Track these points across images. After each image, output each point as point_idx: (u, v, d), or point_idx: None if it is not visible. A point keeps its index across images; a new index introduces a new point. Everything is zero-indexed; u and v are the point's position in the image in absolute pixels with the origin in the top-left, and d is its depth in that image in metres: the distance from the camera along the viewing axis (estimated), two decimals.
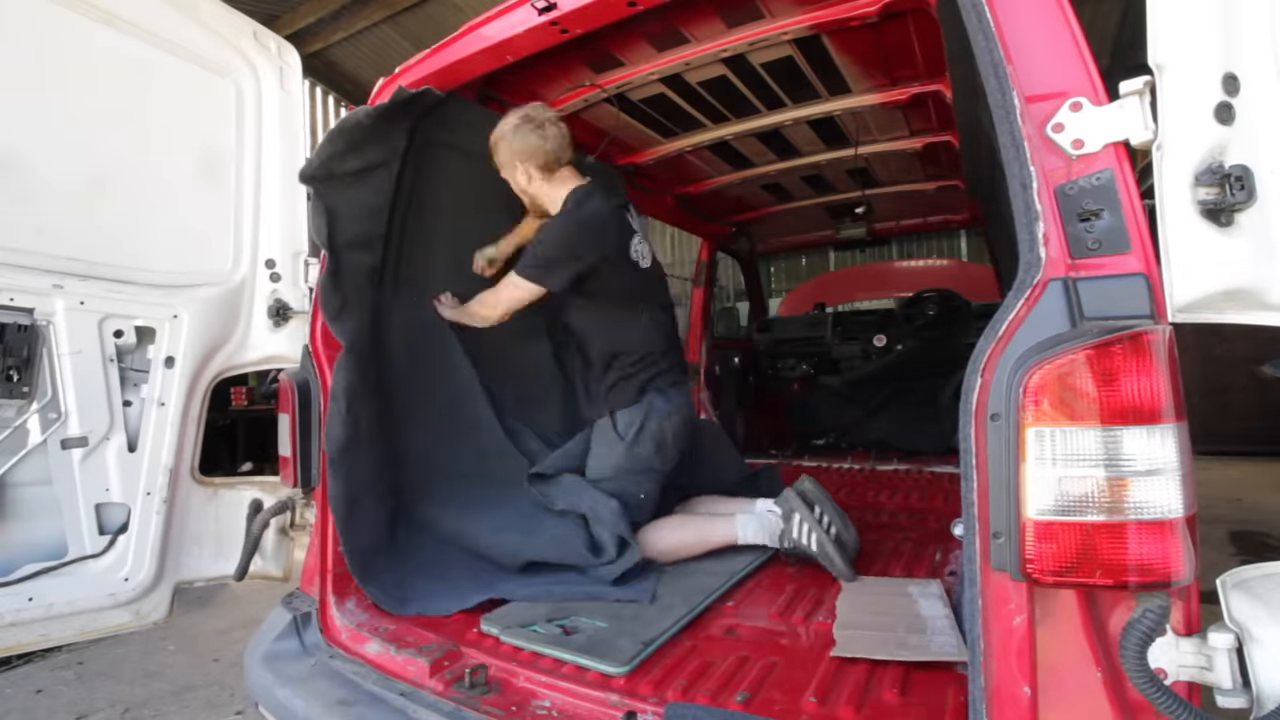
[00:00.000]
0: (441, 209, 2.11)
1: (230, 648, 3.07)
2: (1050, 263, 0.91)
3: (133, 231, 2.05)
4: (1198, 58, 0.84)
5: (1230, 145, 0.83)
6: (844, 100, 2.36)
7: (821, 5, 1.77)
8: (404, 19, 8.15)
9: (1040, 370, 0.86)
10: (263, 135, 2.27)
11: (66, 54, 1.92)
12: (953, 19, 1.13)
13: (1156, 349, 0.83)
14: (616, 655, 1.40)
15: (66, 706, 2.60)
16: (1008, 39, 0.97)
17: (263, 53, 2.27)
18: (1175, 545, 0.82)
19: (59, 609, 1.91)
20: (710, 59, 2.03)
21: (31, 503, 1.91)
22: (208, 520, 2.18)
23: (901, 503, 2.75)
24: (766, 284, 5.56)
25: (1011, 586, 0.90)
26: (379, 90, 1.84)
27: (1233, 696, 0.82)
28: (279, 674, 1.54)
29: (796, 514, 1.89)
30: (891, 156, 2.85)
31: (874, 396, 3.95)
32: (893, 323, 3.99)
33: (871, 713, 1.19)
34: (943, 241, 9.62)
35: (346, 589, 1.73)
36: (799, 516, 1.89)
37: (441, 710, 1.29)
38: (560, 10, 1.53)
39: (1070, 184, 0.92)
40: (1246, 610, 0.82)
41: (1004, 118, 0.95)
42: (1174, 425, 0.83)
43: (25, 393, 1.86)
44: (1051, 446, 0.85)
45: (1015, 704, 0.89)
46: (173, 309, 2.09)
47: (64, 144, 1.93)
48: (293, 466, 1.76)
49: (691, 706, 1.19)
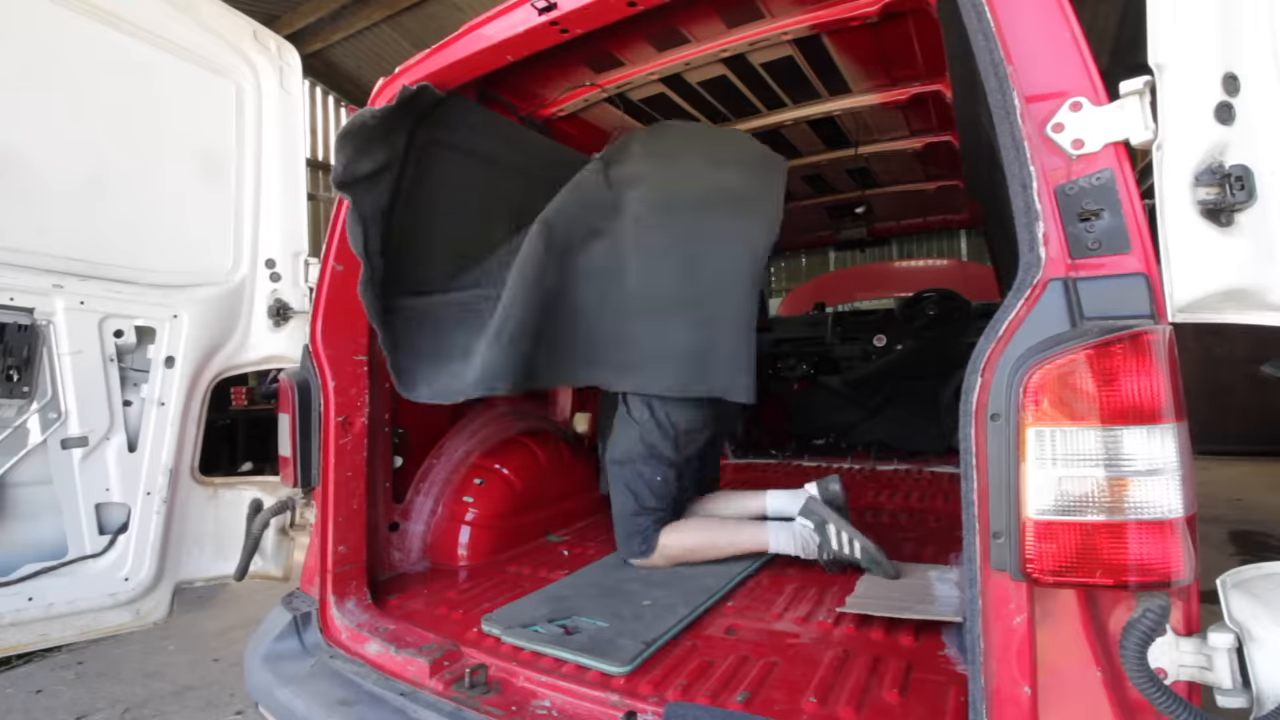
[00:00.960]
0: (441, 210, 2.11)
1: (230, 648, 3.07)
2: (1050, 263, 0.91)
3: (133, 231, 2.06)
4: (1198, 57, 0.84)
5: (1230, 145, 0.83)
6: (844, 100, 2.36)
7: (822, 5, 1.77)
8: (404, 19, 8.16)
9: (1040, 370, 0.86)
10: (263, 135, 2.28)
11: (66, 54, 1.92)
12: (953, 19, 1.13)
13: (1156, 349, 0.83)
14: (618, 655, 1.40)
15: (66, 706, 2.60)
16: (1008, 39, 0.97)
17: (263, 53, 2.27)
18: (1175, 545, 0.82)
19: (59, 609, 1.91)
20: (710, 59, 2.03)
21: (31, 502, 1.91)
22: (208, 520, 2.19)
23: (902, 503, 2.75)
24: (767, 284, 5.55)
25: (1012, 586, 0.90)
26: (379, 90, 1.84)
27: (1233, 696, 0.82)
28: (279, 674, 1.54)
29: (830, 524, 1.87)
30: (891, 156, 2.85)
31: (874, 396, 3.95)
32: (893, 323, 3.99)
33: (872, 712, 1.19)
34: (943, 241, 9.60)
35: (346, 589, 1.73)
36: (833, 527, 1.86)
37: (441, 710, 1.29)
38: (560, 10, 1.53)
39: (1070, 184, 0.92)
40: (1246, 610, 0.82)
41: (1004, 118, 0.95)
42: (1174, 425, 0.83)
43: (25, 392, 1.86)
44: (1051, 446, 0.85)
45: (1015, 704, 0.89)
46: (173, 309, 2.09)
47: (64, 144, 1.93)
48: (293, 466, 1.76)
49: (692, 706, 1.19)
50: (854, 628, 1.55)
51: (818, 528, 1.89)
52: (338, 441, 1.76)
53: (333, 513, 1.74)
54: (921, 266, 5.77)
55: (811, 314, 4.45)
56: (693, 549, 1.96)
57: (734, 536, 1.99)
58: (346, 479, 1.78)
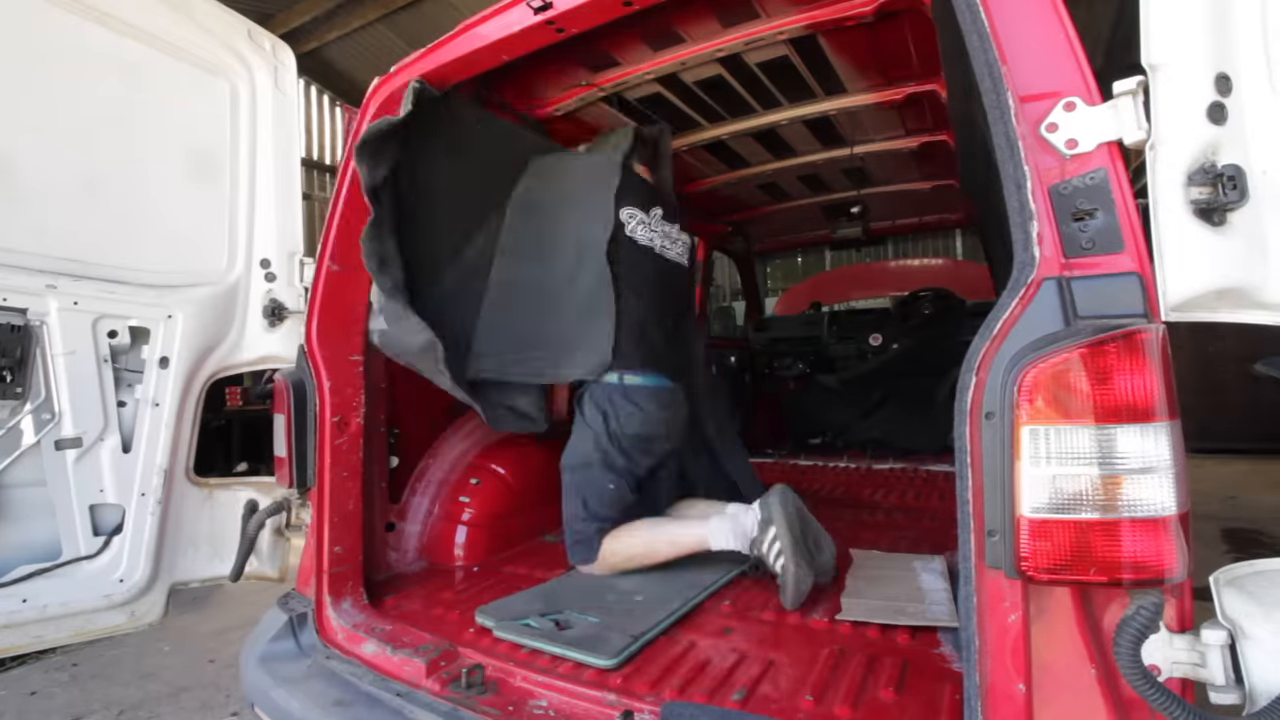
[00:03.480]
0: (438, 210, 2.10)
1: (226, 649, 3.06)
2: (1044, 262, 0.91)
3: (127, 231, 2.05)
4: (1191, 58, 0.85)
5: (1223, 145, 0.84)
6: (840, 100, 2.36)
7: (817, 5, 1.77)
8: (399, 18, 8.13)
9: (1034, 369, 0.86)
10: (257, 135, 2.27)
11: (60, 53, 1.91)
12: (948, 19, 1.13)
13: (1150, 348, 0.83)
14: (606, 649, 1.41)
15: (61, 708, 2.59)
16: (1002, 39, 0.97)
17: (257, 52, 2.27)
18: (1169, 543, 0.82)
19: (53, 610, 1.90)
20: (706, 59, 2.03)
21: (25, 504, 1.90)
22: (203, 521, 2.18)
23: (898, 501, 2.76)
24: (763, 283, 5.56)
25: (1006, 584, 0.90)
26: (374, 89, 1.83)
27: (1226, 693, 0.82)
28: (275, 675, 1.53)
29: (773, 527, 1.72)
30: (887, 156, 2.86)
31: (870, 395, 3.96)
32: (888, 322, 4.00)
33: (868, 710, 1.20)
34: (938, 241, 9.63)
35: (342, 589, 1.73)
36: (774, 532, 1.71)
37: (438, 710, 1.28)
38: (556, 10, 1.53)
39: (1064, 184, 0.92)
40: (1239, 607, 0.83)
41: (998, 117, 0.95)
42: (1167, 423, 0.83)
43: (19, 393, 1.85)
44: (1046, 445, 0.86)
45: (1010, 701, 0.89)
46: (167, 309, 2.08)
47: (58, 144, 1.92)
48: (288, 467, 1.76)
49: (688, 705, 1.19)
50: (850, 626, 1.56)
51: (762, 524, 1.76)
52: (333, 442, 1.76)
53: (328, 513, 1.74)
54: (917, 266, 5.78)
55: (808, 313, 4.46)
56: (631, 557, 1.90)
57: (674, 536, 1.91)
58: (342, 479, 1.77)
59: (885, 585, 1.76)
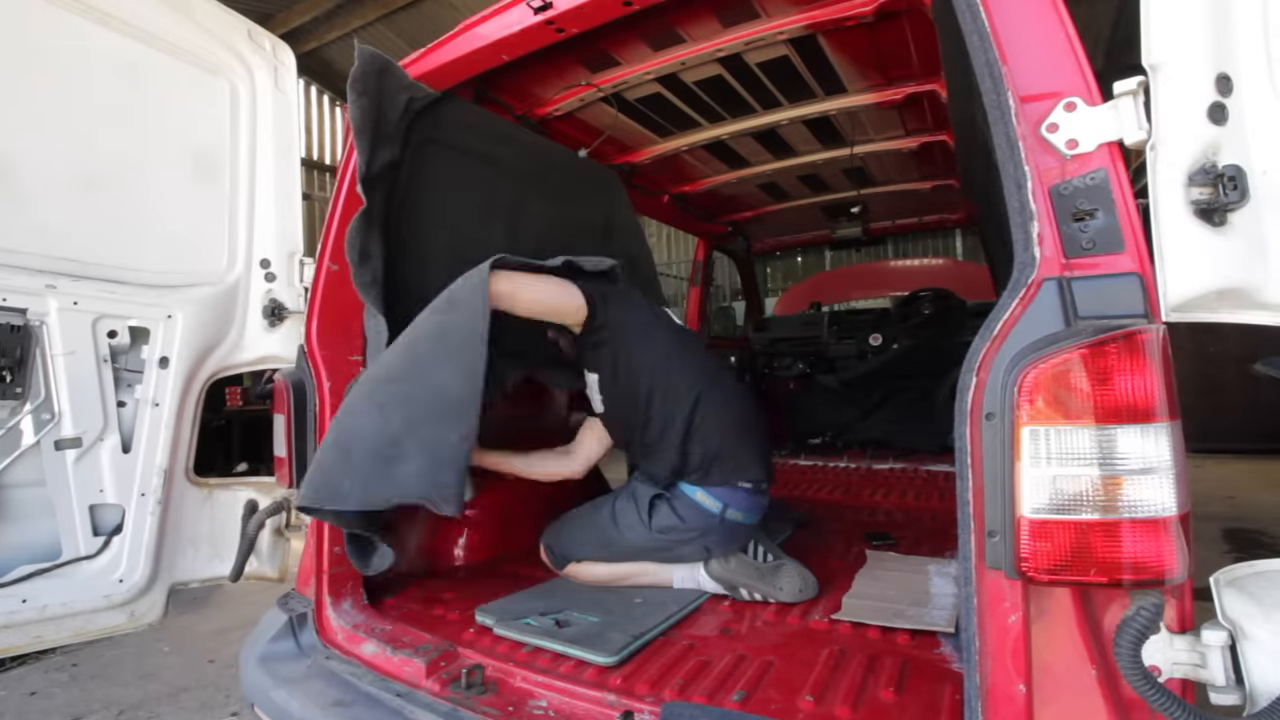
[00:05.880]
0: (437, 210, 2.10)
1: (225, 649, 3.06)
2: (1045, 262, 0.91)
3: (127, 231, 2.05)
4: (1191, 58, 0.85)
5: (1223, 145, 0.84)
6: (840, 100, 2.36)
7: (817, 5, 1.77)
8: (399, 18, 8.15)
9: (1035, 369, 0.86)
10: (257, 135, 2.27)
11: (60, 53, 1.91)
12: (948, 19, 1.13)
13: (1150, 348, 0.83)
14: (606, 646, 1.41)
15: (61, 709, 2.59)
16: (1003, 39, 0.97)
17: (257, 52, 2.27)
18: (1169, 543, 0.82)
19: (53, 611, 1.90)
20: (706, 58, 2.03)
21: (25, 504, 1.90)
22: (202, 521, 2.18)
23: (898, 501, 2.76)
24: (763, 283, 5.57)
25: (1006, 585, 0.90)
26: None
27: (1226, 693, 0.82)
28: (275, 675, 1.53)
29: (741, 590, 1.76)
30: (887, 156, 2.86)
31: (870, 395, 3.96)
32: (888, 322, 4.00)
33: (868, 711, 1.20)
34: (938, 241, 9.64)
35: (343, 590, 1.73)
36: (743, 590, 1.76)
37: (438, 711, 1.28)
38: (556, 10, 1.53)
39: (1065, 184, 0.92)
40: (1239, 608, 0.83)
41: (999, 118, 0.95)
42: (1168, 424, 0.83)
43: (18, 393, 1.85)
44: (1046, 445, 0.86)
45: (1010, 702, 0.89)
46: (167, 309, 2.08)
47: (58, 143, 1.92)
48: (288, 467, 1.76)
49: (688, 705, 1.19)
50: (850, 626, 1.56)
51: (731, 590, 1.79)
52: None
53: None
54: (917, 266, 5.79)
55: (807, 313, 4.46)
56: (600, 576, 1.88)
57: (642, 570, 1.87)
58: None
59: (891, 587, 1.75)
